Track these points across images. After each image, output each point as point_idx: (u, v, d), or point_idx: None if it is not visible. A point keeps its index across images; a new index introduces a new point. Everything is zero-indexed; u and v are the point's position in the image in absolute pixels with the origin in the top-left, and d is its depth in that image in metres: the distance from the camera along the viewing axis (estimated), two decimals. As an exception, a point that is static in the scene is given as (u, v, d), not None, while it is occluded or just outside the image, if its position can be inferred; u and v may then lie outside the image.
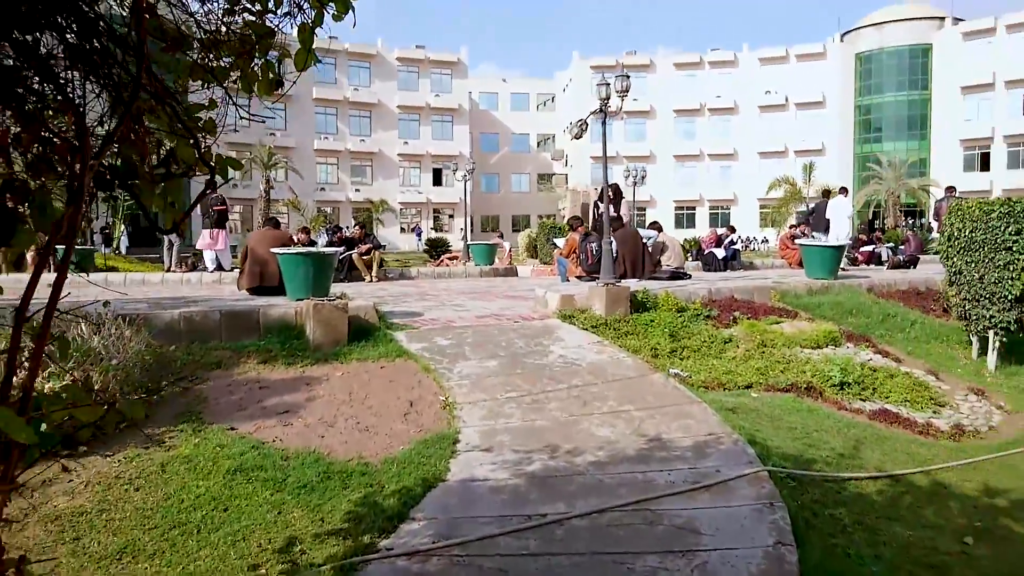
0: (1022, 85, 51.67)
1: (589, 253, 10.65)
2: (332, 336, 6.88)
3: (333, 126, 56.22)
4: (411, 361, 6.74)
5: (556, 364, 6.90)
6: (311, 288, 7.47)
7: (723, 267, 17.83)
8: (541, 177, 65.47)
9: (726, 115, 60.95)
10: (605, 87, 8.63)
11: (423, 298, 10.74)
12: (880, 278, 11.23)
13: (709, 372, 7.06)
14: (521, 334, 7.79)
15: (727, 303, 9.27)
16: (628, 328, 8.08)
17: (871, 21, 59.11)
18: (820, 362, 7.39)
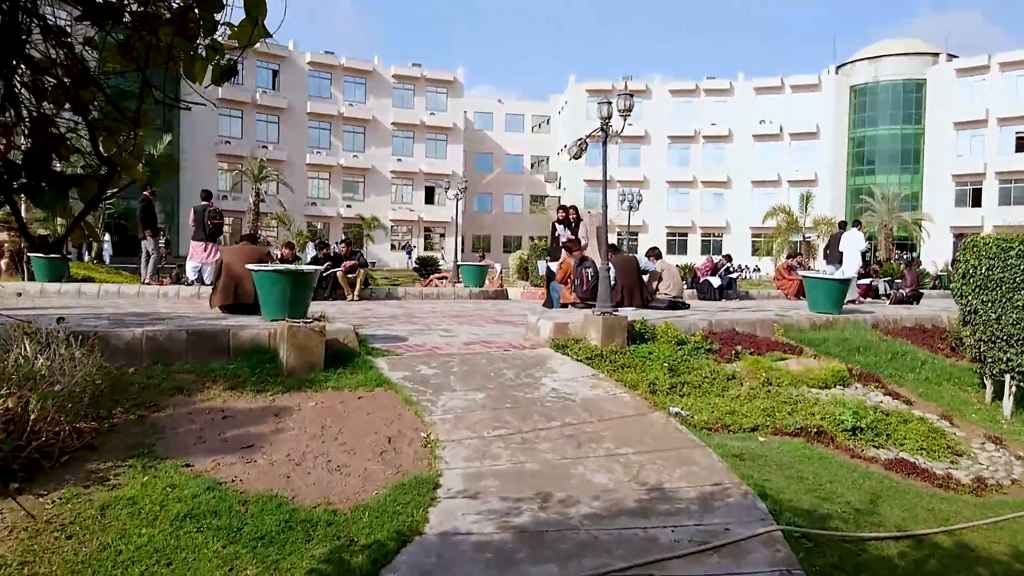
0: (1014, 123, 51.96)
1: (584, 279, 10.18)
2: (307, 361, 6.37)
3: (326, 141, 55.86)
4: (391, 391, 6.22)
5: (548, 399, 6.40)
6: (287, 308, 6.96)
7: (718, 296, 17.42)
8: (534, 199, 65.23)
9: (720, 143, 61.01)
10: (607, 106, 8.21)
11: (409, 321, 10.24)
12: (884, 313, 10.82)
13: (712, 412, 6.58)
14: (511, 364, 7.29)
15: (728, 336, 8.81)
16: (625, 361, 7.59)
17: (866, 55, 59.50)
18: (829, 404, 6.92)
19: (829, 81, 58.81)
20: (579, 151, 8.61)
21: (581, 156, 8.58)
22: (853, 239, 14.63)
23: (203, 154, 50.38)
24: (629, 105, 8.23)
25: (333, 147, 55.79)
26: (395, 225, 57.85)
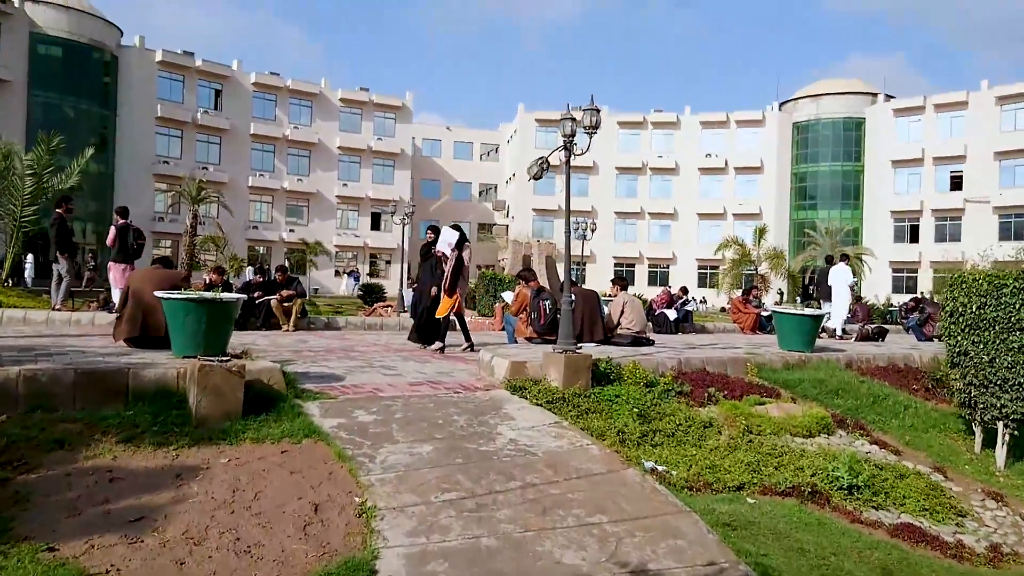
0: (949, 162, 53.61)
1: (542, 312, 9.38)
2: (222, 408, 5.38)
3: (270, 163, 54.38)
4: (322, 444, 5.27)
5: (506, 452, 5.53)
6: (202, 343, 5.96)
7: (674, 329, 16.84)
8: (482, 227, 64.56)
9: (667, 175, 61.48)
10: (571, 123, 7.50)
11: (348, 355, 9.26)
12: (855, 352, 10.29)
13: (690, 466, 5.80)
14: (463, 409, 6.40)
15: (699, 377, 8.09)
16: (590, 405, 6.79)
17: (808, 92, 60.94)
18: (818, 457, 6.22)
19: (773, 117, 59.93)
20: (539, 171, 7.86)
21: (542, 176, 7.86)
22: (841, 274, 14.47)
23: (139, 173, 48.44)
24: (595, 122, 7.52)
25: (277, 170, 54.32)
26: (340, 251, 56.44)
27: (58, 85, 45.48)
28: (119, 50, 49.14)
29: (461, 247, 9.74)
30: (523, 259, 28.01)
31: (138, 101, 48.72)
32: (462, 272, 9.70)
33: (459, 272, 9.65)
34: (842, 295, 14.25)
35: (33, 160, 15.52)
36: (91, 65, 47.36)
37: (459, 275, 9.66)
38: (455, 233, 9.88)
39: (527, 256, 28.80)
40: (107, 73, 48.48)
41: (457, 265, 9.63)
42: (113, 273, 12.27)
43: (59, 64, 46.03)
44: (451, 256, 9.68)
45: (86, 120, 46.62)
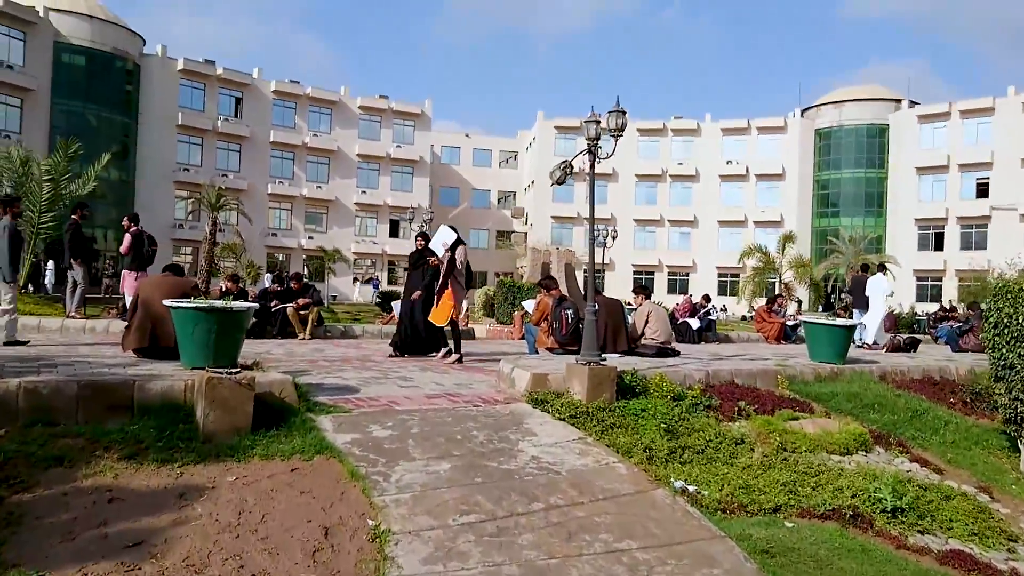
0: (975, 169, 52.75)
1: (564, 321, 9.08)
2: (230, 422, 5.13)
3: (289, 171, 54.58)
4: (335, 461, 5.01)
5: (528, 470, 5.24)
6: (212, 354, 5.73)
7: (697, 338, 16.50)
8: (500, 234, 64.44)
9: (687, 182, 61.04)
10: (595, 125, 7.22)
11: (364, 365, 9.01)
12: (888, 363, 9.90)
13: (722, 486, 5.48)
14: (482, 424, 6.12)
15: (728, 390, 7.76)
16: (615, 420, 6.48)
17: (830, 99, 60.30)
18: (858, 476, 5.87)
19: (795, 124, 59.34)
20: (563, 175, 7.59)
21: (564, 181, 7.59)
22: (879, 284, 14.14)
23: (160, 180, 48.76)
24: (621, 124, 7.23)
25: (296, 177, 54.51)
26: (358, 258, 56.48)
27: (81, 93, 45.90)
28: (141, 59, 49.55)
29: (455, 248, 9.32)
30: (542, 267, 27.75)
31: (159, 109, 49.08)
32: (455, 274, 9.28)
33: (452, 274, 9.25)
34: (879, 306, 13.93)
35: (51, 166, 15.47)
36: (114, 73, 47.78)
37: (454, 277, 9.26)
38: (452, 233, 9.47)
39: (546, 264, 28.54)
40: (129, 81, 48.90)
41: (449, 267, 9.22)
42: (127, 281, 12.14)
43: (82, 73, 46.47)
44: (444, 257, 9.27)
45: (108, 128, 46.97)
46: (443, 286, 9.23)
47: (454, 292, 9.29)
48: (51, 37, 44.88)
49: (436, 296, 9.30)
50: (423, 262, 9.71)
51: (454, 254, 9.28)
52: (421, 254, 9.81)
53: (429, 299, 9.51)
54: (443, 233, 9.56)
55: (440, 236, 9.56)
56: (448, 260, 9.22)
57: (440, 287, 9.23)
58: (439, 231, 9.69)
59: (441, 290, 9.23)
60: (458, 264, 9.31)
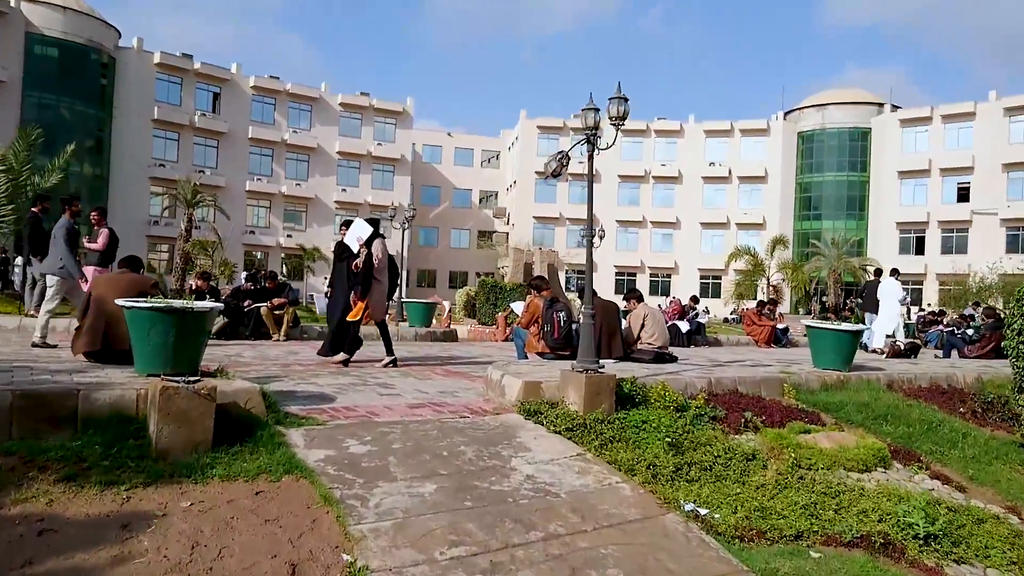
0: (956, 173, 52.95)
1: (556, 324, 8.54)
2: (187, 437, 4.54)
3: (268, 168, 53.64)
4: (305, 483, 4.43)
5: (523, 492, 4.69)
6: (170, 359, 5.13)
7: (686, 342, 16.05)
8: (482, 234, 63.81)
9: (670, 184, 60.79)
10: (594, 113, 6.69)
11: (341, 370, 8.42)
12: (895, 371, 9.46)
13: (735, 508, 4.96)
14: (471, 437, 5.56)
15: (732, 399, 7.26)
16: (614, 433, 5.95)
17: (813, 102, 60.33)
18: (881, 496, 5.38)
19: (777, 126, 59.30)
20: (559, 167, 7.04)
21: (560, 174, 7.07)
22: (892, 288, 13.92)
23: (135, 176, 47.68)
24: (623, 112, 6.70)
25: (275, 174, 53.59)
26: (338, 257, 55.60)
27: (54, 86, 44.78)
28: (117, 51, 48.43)
29: (371, 243, 8.57)
30: (524, 267, 27.20)
31: (135, 103, 47.99)
32: (374, 272, 8.55)
33: (370, 271, 8.52)
34: (892, 310, 13.69)
35: (10, 156, 14.64)
36: (88, 66, 46.64)
37: (371, 275, 8.52)
38: (367, 226, 8.70)
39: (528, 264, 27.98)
40: (104, 75, 47.77)
41: (367, 263, 8.48)
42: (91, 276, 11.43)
43: (55, 65, 45.33)
44: (361, 253, 8.51)
45: (81, 122, 45.85)
46: (363, 287, 8.49)
47: (371, 292, 8.56)
48: (22, 28, 43.71)
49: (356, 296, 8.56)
50: (348, 253, 8.83)
51: (371, 249, 8.53)
52: (346, 245, 8.96)
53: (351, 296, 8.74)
54: (357, 227, 8.77)
55: (354, 230, 8.76)
56: (365, 257, 8.46)
57: (360, 288, 8.50)
58: (354, 224, 8.88)
59: (362, 291, 8.50)
60: (375, 260, 8.55)
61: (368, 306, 8.56)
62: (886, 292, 13.86)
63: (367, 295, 8.53)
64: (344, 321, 8.70)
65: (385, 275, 8.77)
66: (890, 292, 13.79)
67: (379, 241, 8.68)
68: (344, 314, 8.72)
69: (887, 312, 13.48)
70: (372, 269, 8.52)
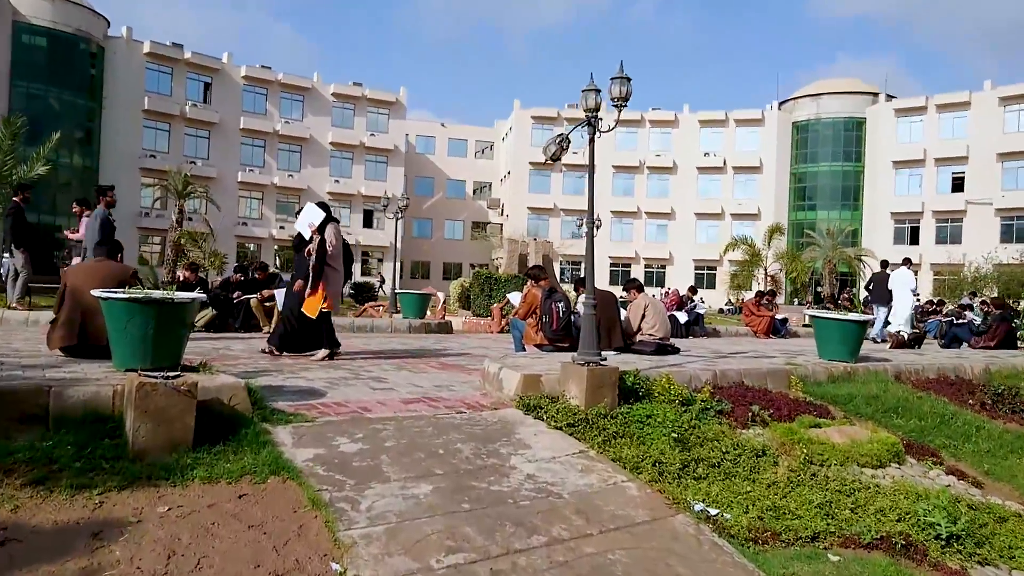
0: (950, 163, 52.83)
1: (555, 315, 8.27)
2: (166, 437, 4.26)
3: (260, 159, 53.14)
4: (292, 484, 4.16)
5: (524, 493, 4.43)
6: (149, 354, 4.85)
7: (685, 332, 15.82)
8: (476, 225, 63.44)
9: (664, 174, 60.54)
10: (595, 94, 6.40)
11: (332, 363, 8.13)
12: (902, 362, 9.23)
13: (747, 507, 4.71)
14: (468, 434, 5.29)
15: (738, 392, 7.01)
16: (617, 428, 5.69)
17: (808, 92, 60.09)
18: (898, 494, 5.14)
19: (772, 116, 59.05)
20: (558, 150, 6.76)
21: (560, 157, 6.79)
22: (904, 278, 13.77)
23: (125, 167, 47.06)
24: (625, 93, 6.42)
25: (267, 165, 53.10)
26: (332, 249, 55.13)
27: (42, 76, 44.18)
28: (106, 41, 47.79)
29: (324, 229, 8.02)
30: (519, 258, 26.97)
31: (125, 93, 47.40)
32: (328, 260, 8.00)
33: (324, 260, 7.95)
34: (905, 300, 13.55)
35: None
36: (76, 56, 46.03)
37: (324, 264, 7.96)
38: (319, 211, 8.10)
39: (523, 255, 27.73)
40: (93, 64, 47.16)
41: (320, 251, 7.93)
42: None
43: (43, 54, 44.72)
44: (313, 239, 7.95)
45: (71, 112, 45.30)
46: (317, 275, 7.92)
47: (326, 280, 8.04)
48: (10, 16, 43.08)
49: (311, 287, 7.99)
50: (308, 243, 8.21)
51: (324, 236, 8.00)
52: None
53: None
54: (308, 212, 8.17)
55: (305, 216, 8.16)
56: (318, 244, 7.93)
57: (314, 276, 7.93)
58: (304, 209, 8.29)
59: (315, 282, 7.95)
60: (329, 247, 8.00)
61: (326, 296, 8.02)
62: (899, 282, 13.71)
63: (323, 285, 7.98)
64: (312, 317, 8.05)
65: (340, 262, 8.26)
66: (903, 282, 13.64)
67: (332, 226, 8.13)
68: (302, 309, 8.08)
69: (901, 302, 13.33)
70: (326, 257, 8.00)
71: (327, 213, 8.16)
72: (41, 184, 37.81)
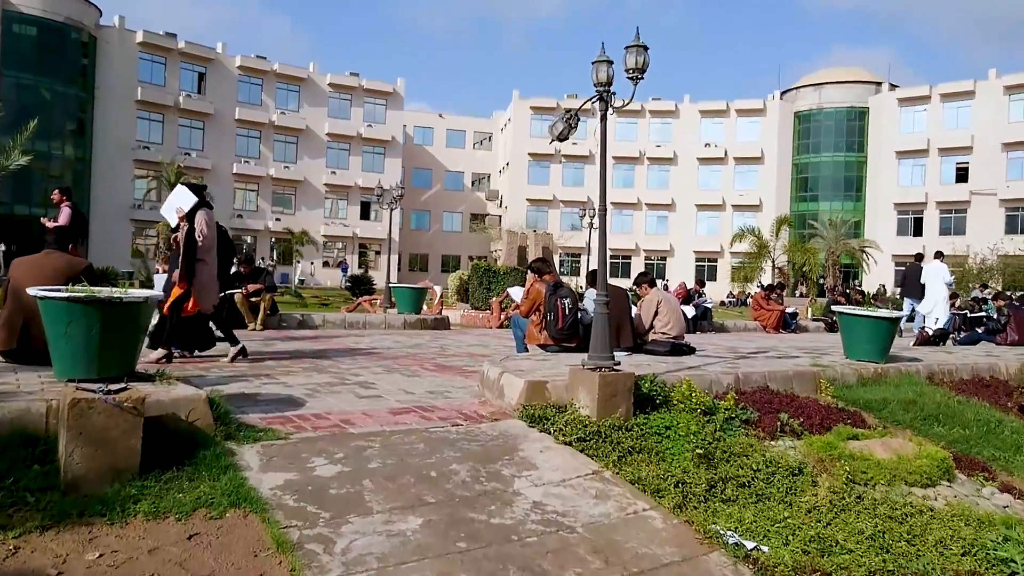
0: (955, 153, 52.12)
1: (561, 312, 7.60)
2: (107, 463, 3.60)
3: (256, 150, 52.33)
4: (255, 519, 3.49)
5: (530, 527, 3.77)
6: (94, 362, 4.19)
7: (692, 328, 15.15)
8: (474, 217, 62.63)
9: (665, 165, 59.80)
10: (606, 66, 5.71)
11: (317, 366, 7.46)
12: (934, 361, 8.57)
13: (786, 538, 4.06)
14: (465, 452, 4.63)
15: (763, 397, 6.35)
16: (634, 442, 5.03)
17: (810, 81, 59.31)
18: (958, 520, 4.48)
19: (774, 106, 58.27)
20: (566, 128, 6.08)
21: (567, 136, 6.11)
22: (938, 271, 13.26)
23: (118, 159, 46.30)
24: (641, 63, 5.73)
25: (263, 157, 52.30)
26: (328, 241, 54.53)
27: (33, 66, 43.33)
28: (98, 30, 46.94)
29: (193, 215, 6.93)
30: (518, 250, 26.35)
31: (117, 84, 46.55)
32: (198, 251, 6.92)
33: (194, 250, 6.88)
34: (939, 294, 13.04)
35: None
36: (68, 45, 45.18)
37: (193, 256, 6.87)
38: (189, 195, 7.00)
39: (522, 247, 27.11)
40: (85, 54, 46.32)
41: (188, 242, 6.85)
42: None
43: (34, 44, 43.89)
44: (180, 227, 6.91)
45: (62, 103, 44.53)
46: (185, 269, 6.83)
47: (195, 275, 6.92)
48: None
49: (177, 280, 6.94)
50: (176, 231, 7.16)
51: (193, 223, 6.93)
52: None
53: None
54: (178, 195, 7.06)
55: (174, 199, 7.04)
56: (186, 232, 6.87)
57: (183, 269, 6.85)
58: (173, 192, 7.21)
59: (183, 275, 6.86)
60: (199, 237, 6.91)
61: (193, 293, 6.92)
62: (932, 275, 13.24)
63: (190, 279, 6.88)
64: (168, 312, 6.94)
65: (214, 255, 7.15)
66: (937, 275, 13.12)
67: (204, 213, 7.03)
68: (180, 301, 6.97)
69: (936, 296, 12.74)
70: (195, 247, 6.90)
71: (200, 198, 7.08)
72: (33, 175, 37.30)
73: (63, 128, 44.89)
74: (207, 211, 7.13)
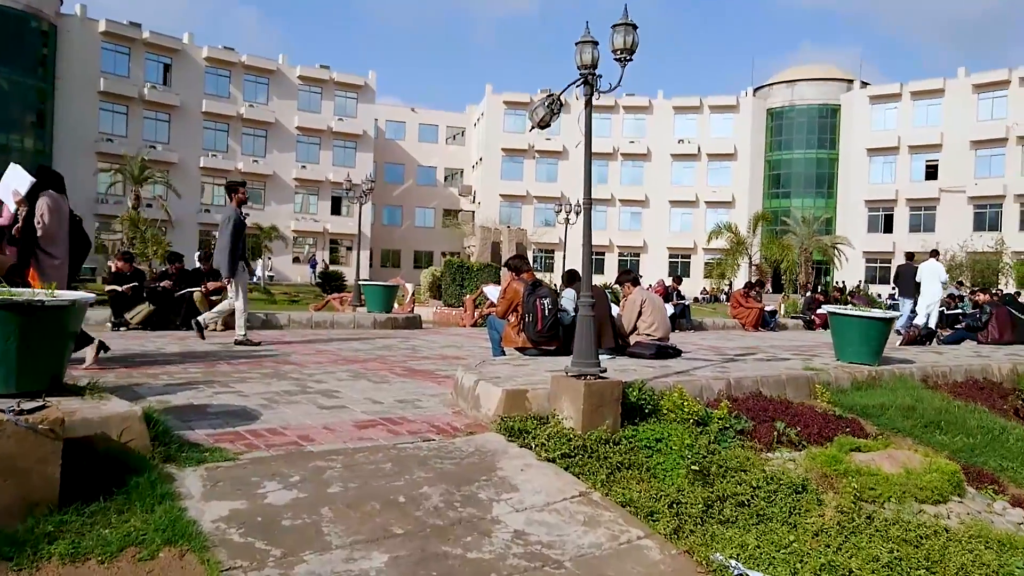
0: (925, 151, 52.63)
1: (540, 313, 7.14)
2: (18, 495, 3.08)
3: (223, 143, 51.19)
4: (193, 560, 3.00)
5: (512, 562, 3.31)
6: (12, 374, 3.64)
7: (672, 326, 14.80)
8: (447, 213, 62.01)
9: (638, 161, 59.66)
10: (592, 47, 5.27)
11: (278, 371, 6.93)
12: (926, 362, 8.27)
13: (793, 567, 3.65)
14: (437, 472, 4.15)
15: (756, 404, 5.96)
16: (622, 457, 4.60)
17: (783, 78, 59.52)
18: (977, 542, 4.11)
19: (747, 103, 58.38)
20: (548, 114, 5.62)
21: (550, 123, 5.68)
22: (934, 270, 13.26)
23: (80, 151, 44.95)
24: (629, 43, 5.29)
25: (231, 150, 51.19)
26: (298, 236, 53.59)
27: (-11, 56, 41.90)
28: (58, 19, 45.53)
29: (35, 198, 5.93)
30: (492, 246, 25.92)
31: (79, 74, 45.19)
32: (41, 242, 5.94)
33: (32, 240, 5.90)
34: (934, 292, 13.02)
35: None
36: (27, 34, 43.72)
37: (34, 246, 5.92)
38: (26, 176, 5.96)
39: (496, 243, 26.68)
40: (45, 43, 44.87)
41: (26, 229, 5.89)
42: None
43: (-10, 33, 42.41)
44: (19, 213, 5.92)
45: (21, 93, 43.14)
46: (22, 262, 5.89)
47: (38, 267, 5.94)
48: (-48, -8, 40.74)
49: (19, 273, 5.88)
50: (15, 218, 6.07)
51: (33, 207, 5.93)
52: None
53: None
54: (12, 176, 6.01)
55: (8, 180, 6.00)
56: (23, 218, 5.89)
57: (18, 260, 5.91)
58: (7, 172, 6.09)
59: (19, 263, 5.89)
60: (39, 223, 5.90)
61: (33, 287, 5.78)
62: (928, 274, 13.19)
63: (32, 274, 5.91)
64: None
65: (62, 246, 6.14)
66: (932, 274, 13.09)
67: (47, 197, 5.99)
68: None
69: (930, 294, 12.60)
70: (36, 237, 5.93)
71: (44, 179, 6.09)
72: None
73: (22, 120, 43.57)
74: (51, 196, 6.05)
